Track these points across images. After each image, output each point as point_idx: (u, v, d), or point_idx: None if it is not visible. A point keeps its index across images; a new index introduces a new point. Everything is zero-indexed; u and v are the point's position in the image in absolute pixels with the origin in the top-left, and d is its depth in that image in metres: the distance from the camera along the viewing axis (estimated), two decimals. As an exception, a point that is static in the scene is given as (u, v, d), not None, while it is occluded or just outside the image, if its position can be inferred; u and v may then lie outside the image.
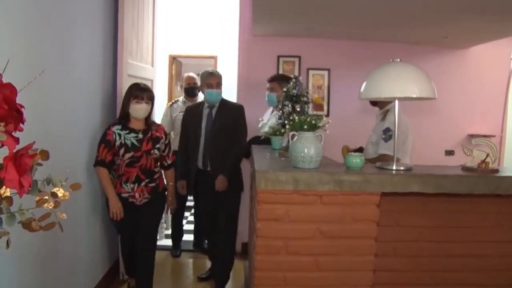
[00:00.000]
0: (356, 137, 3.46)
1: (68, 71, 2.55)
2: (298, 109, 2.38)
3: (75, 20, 2.64)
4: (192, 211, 5.27)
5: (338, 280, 1.95)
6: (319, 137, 1.99)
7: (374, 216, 1.92)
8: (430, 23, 3.72)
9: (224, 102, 3.53)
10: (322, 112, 4.51)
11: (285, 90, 2.48)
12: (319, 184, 1.86)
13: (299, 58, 4.51)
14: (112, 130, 2.89)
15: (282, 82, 3.78)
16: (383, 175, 1.90)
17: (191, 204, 4.81)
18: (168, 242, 4.59)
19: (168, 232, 4.76)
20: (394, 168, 2.02)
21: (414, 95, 1.97)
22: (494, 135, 4.58)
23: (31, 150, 1.03)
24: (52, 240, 2.38)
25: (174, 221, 4.51)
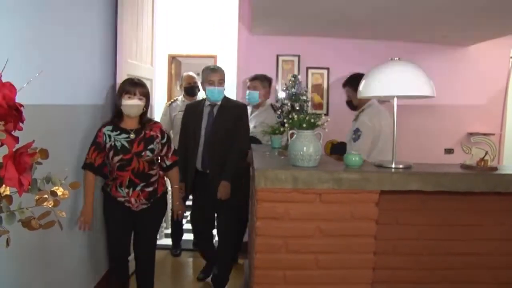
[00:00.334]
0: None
1: (67, 71, 2.55)
2: (297, 107, 2.39)
3: (75, 19, 2.64)
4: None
5: (338, 278, 1.96)
6: (318, 135, 1.99)
7: (373, 214, 1.93)
8: (430, 22, 3.72)
9: (227, 100, 3.35)
10: (321, 111, 4.51)
11: (284, 88, 2.49)
12: (318, 183, 1.87)
13: (298, 57, 4.51)
14: (102, 131, 2.70)
15: (264, 81, 3.91)
16: (382, 173, 1.91)
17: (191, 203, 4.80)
18: (168, 241, 4.59)
19: (168, 231, 4.76)
20: (393, 166, 2.03)
21: (414, 93, 1.98)
22: (493, 133, 4.58)
23: (31, 149, 1.03)
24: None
25: (174, 220, 4.51)
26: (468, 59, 4.68)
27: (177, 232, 4.50)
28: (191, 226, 4.20)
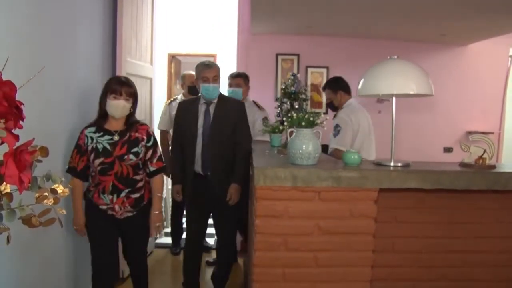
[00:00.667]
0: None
1: (67, 69, 2.56)
2: (297, 106, 2.39)
3: (74, 18, 2.65)
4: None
5: (337, 275, 1.96)
6: (317, 133, 2.00)
7: (372, 212, 1.93)
8: (429, 20, 3.73)
9: (222, 97, 3.13)
10: (321, 110, 4.52)
11: (283, 87, 2.49)
12: (317, 181, 1.87)
13: (297, 56, 4.52)
14: (84, 133, 2.50)
15: (245, 79, 3.89)
16: (380, 171, 1.92)
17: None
18: (168, 240, 4.60)
19: (168, 230, 4.77)
20: (392, 164, 2.04)
21: (411, 92, 1.99)
22: (492, 132, 4.59)
23: (31, 146, 1.04)
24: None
25: (174, 218, 4.52)
26: (467, 58, 4.69)
27: (176, 230, 4.51)
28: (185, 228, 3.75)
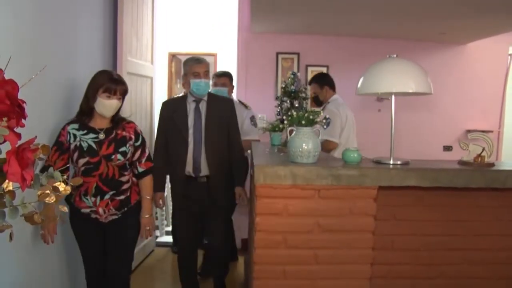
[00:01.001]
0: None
1: (67, 69, 2.57)
2: (297, 105, 2.41)
3: (75, 17, 2.66)
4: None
5: (337, 273, 1.98)
6: (316, 132, 2.01)
7: (372, 210, 1.95)
8: (428, 19, 3.74)
9: (211, 95, 2.99)
10: (321, 108, 4.52)
11: (283, 86, 2.50)
12: (317, 179, 1.89)
13: (298, 54, 4.53)
14: (66, 129, 2.32)
15: (231, 78, 3.86)
16: (380, 169, 1.93)
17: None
18: (168, 239, 4.62)
19: (169, 228, 4.79)
20: (391, 162, 2.05)
21: (410, 90, 2.00)
22: (492, 131, 4.60)
23: (33, 144, 1.05)
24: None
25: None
26: (466, 56, 4.69)
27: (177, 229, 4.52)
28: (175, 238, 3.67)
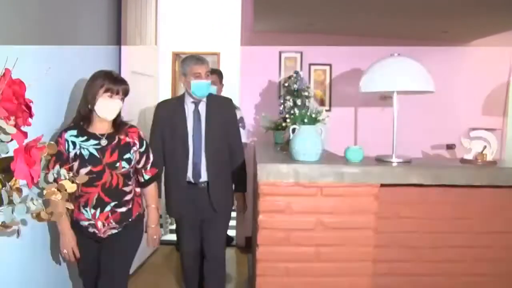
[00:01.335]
0: (357, 130, 3.50)
1: (71, 70, 2.59)
2: (299, 103, 2.42)
3: (80, 18, 2.68)
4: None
5: (339, 270, 1.99)
6: (319, 130, 2.03)
7: (374, 208, 1.96)
8: (431, 18, 3.74)
9: (210, 95, 2.80)
10: (324, 107, 4.54)
11: (286, 85, 2.52)
12: (319, 176, 1.90)
13: (300, 53, 4.54)
14: (64, 137, 2.13)
15: (220, 76, 3.78)
16: (382, 167, 1.95)
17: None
18: (173, 237, 4.64)
19: (173, 227, 4.81)
20: (393, 160, 2.06)
21: (413, 89, 2.01)
22: (495, 129, 4.59)
23: (39, 143, 1.07)
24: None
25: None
26: (469, 55, 4.69)
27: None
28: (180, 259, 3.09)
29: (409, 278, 2.17)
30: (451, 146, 4.68)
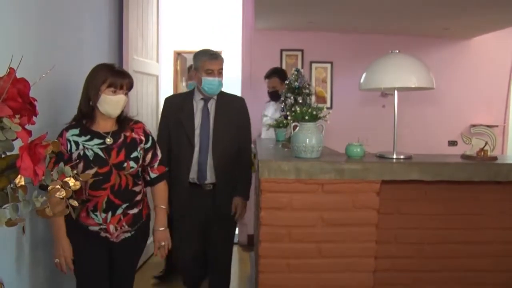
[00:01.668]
0: (358, 127, 3.51)
1: (75, 68, 2.61)
2: (300, 101, 2.43)
3: (82, 17, 2.70)
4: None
5: (340, 266, 2.00)
6: (320, 127, 2.04)
7: (375, 204, 1.97)
8: (432, 15, 3.74)
9: (222, 93, 2.67)
10: (325, 104, 4.55)
11: (287, 82, 2.53)
12: (320, 173, 1.91)
13: (302, 51, 4.56)
14: (65, 136, 1.97)
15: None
16: (383, 163, 1.96)
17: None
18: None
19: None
20: (394, 156, 2.07)
21: (413, 85, 2.02)
22: (497, 125, 4.60)
23: (44, 141, 1.09)
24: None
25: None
26: (470, 51, 4.69)
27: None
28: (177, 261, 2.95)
29: (410, 274, 2.17)
30: (453, 143, 4.68)
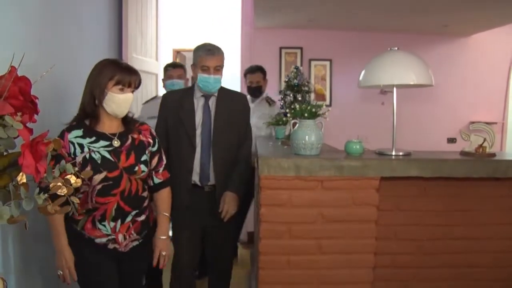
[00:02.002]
0: (357, 125, 3.52)
1: (75, 66, 2.61)
2: (300, 98, 2.44)
3: (82, 16, 2.70)
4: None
5: (340, 262, 2.01)
6: (319, 124, 2.05)
7: (374, 200, 1.98)
8: (431, 12, 3.75)
9: (223, 89, 2.52)
10: (324, 102, 4.56)
11: (286, 80, 2.54)
12: (320, 170, 1.92)
13: (301, 49, 4.56)
14: (67, 138, 1.79)
15: (185, 70, 3.45)
16: (382, 160, 1.97)
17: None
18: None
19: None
20: (393, 153, 2.08)
21: (411, 82, 2.03)
22: (496, 122, 4.61)
23: (45, 138, 1.10)
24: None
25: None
26: (469, 48, 4.70)
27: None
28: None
29: (410, 270, 2.19)
30: (452, 140, 4.70)
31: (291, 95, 2.48)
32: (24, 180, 1.10)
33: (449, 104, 4.72)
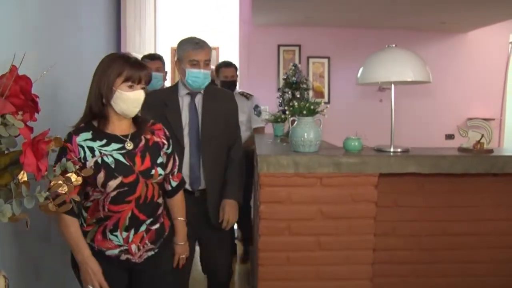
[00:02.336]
0: (355, 121, 3.53)
1: (75, 64, 2.61)
2: (298, 95, 2.45)
3: (81, 14, 2.70)
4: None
5: (340, 259, 2.03)
6: (318, 121, 2.06)
7: (373, 197, 1.99)
8: (429, 9, 3.76)
9: (209, 86, 2.34)
10: (323, 99, 4.57)
11: (284, 77, 2.55)
12: (318, 167, 1.94)
13: (299, 47, 4.57)
14: (75, 142, 1.61)
15: (164, 63, 3.32)
16: (380, 156, 1.98)
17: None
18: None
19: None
20: (392, 150, 2.09)
21: (409, 79, 2.04)
22: (493, 118, 4.63)
23: (46, 137, 1.11)
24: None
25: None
26: (467, 45, 4.72)
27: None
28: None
29: (408, 266, 2.20)
30: (450, 136, 4.71)
31: (289, 92, 2.49)
32: (25, 178, 1.11)
33: (447, 101, 4.73)
